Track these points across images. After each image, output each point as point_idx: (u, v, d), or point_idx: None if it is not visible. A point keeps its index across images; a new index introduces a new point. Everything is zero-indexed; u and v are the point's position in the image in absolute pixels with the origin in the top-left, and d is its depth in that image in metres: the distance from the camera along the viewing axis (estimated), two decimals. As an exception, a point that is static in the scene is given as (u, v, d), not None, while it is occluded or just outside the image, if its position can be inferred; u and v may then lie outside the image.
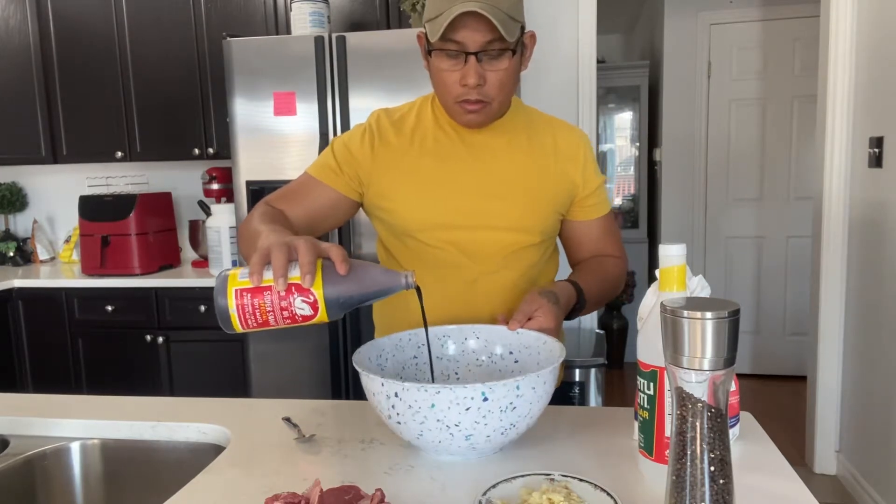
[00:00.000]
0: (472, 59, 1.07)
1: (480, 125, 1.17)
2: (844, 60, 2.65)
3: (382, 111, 1.25)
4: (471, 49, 1.06)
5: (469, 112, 1.12)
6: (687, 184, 4.18)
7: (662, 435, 0.82)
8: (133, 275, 2.84)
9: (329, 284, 0.83)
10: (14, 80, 3.04)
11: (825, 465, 2.84)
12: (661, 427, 0.82)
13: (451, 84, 1.10)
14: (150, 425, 1.11)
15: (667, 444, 0.81)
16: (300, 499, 0.73)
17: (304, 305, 0.83)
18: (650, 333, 0.82)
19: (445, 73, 1.10)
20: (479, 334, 1.11)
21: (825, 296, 2.78)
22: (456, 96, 1.11)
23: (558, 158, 1.21)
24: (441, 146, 1.19)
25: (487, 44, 1.06)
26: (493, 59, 1.08)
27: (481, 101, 1.11)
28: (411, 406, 0.85)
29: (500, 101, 1.14)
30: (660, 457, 0.83)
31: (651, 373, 0.82)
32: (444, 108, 1.17)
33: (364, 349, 1.02)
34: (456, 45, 1.06)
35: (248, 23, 2.81)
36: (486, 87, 1.10)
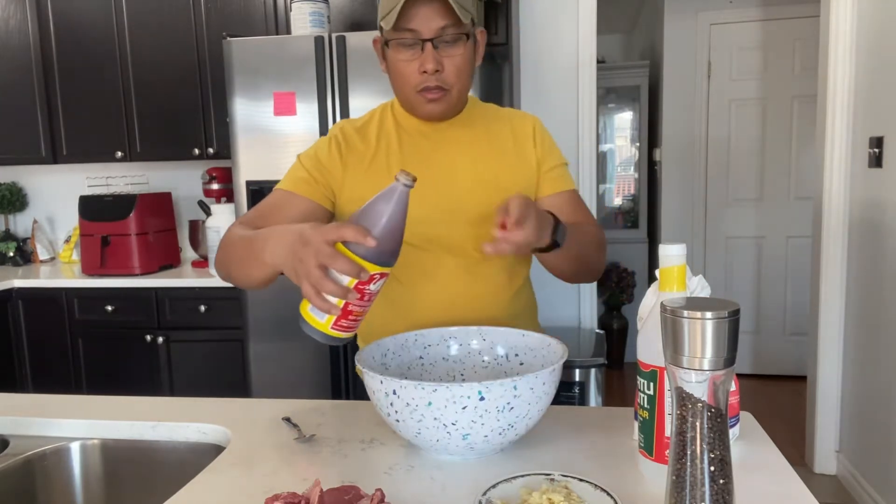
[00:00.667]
0: (428, 45, 1.09)
1: (441, 115, 1.18)
2: (844, 60, 2.65)
3: (344, 121, 1.28)
4: (426, 35, 1.09)
5: (430, 101, 1.14)
6: (687, 184, 4.18)
7: (662, 435, 0.82)
8: (133, 275, 2.84)
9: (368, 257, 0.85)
10: (14, 80, 3.04)
11: (825, 465, 2.84)
12: (661, 427, 0.82)
13: (410, 74, 1.12)
14: (150, 425, 1.11)
15: (667, 444, 0.81)
16: (300, 499, 0.73)
17: (378, 283, 0.88)
18: (650, 333, 0.82)
19: (403, 63, 1.12)
20: (485, 336, 1.11)
21: (825, 296, 2.78)
22: (415, 85, 1.13)
23: (517, 143, 1.24)
24: (406, 147, 1.21)
25: (442, 29, 1.09)
26: (449, 46, 1.11)
27: (441, 89, 1.13)
28: (409, 404, 0.85)
29: (458, 89, 1.15)
30: (660, 457, 0.83)
31: (651, 373, 0.82)
32: (404, 102, 1.19)
33: (369, 349, 1.02)
34: (411, 33, 1.09)
35: (248, 23, 2.81)
36: (445, 73, 1.12)
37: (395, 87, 1.18)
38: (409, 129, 1.23)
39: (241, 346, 2.60)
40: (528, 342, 1.07)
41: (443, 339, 1.11)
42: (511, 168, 1.22)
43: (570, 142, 3.00)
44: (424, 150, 1.21)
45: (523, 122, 1.27)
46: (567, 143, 3.01)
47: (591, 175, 3.01)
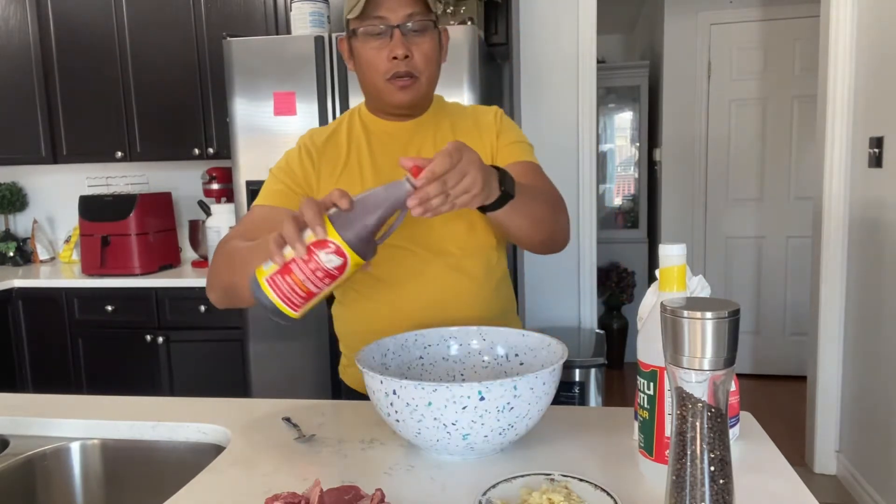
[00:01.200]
0: (396, 31, 1.10)
1: (410, 104, 1.18)
2: (844, 60, 2.65)
3: (312, 130, 1.27)
4: (394, 21, 1.10)
5: (400, 88, 1.14)
6: (687, 184, 4.18)
7: (662, 435, 0.82)
8: (133, 275, 2.84)
9: (340, 227, 0.83)
10: (14, 80, 3.04)
11: (825, 465, 2.84)
12: (661, 427, 0.82)
13: (379, 62, 1.13)
14: (150, 425, 1.11)
15: (667, 445, 0.81)
16: (300, 499, 0.73)
17: (331, 257, 0.83)
18: (650, 333, 0.82)
19: (372, 51, 1.13)
20: (485, 336, 1.11)
21: (825, 296, 2.78)
22: (385, 72, 1.13)
23: (482, 135, 1.24)
24: (376, 149, 1.22)
25: (409, 16, 1.11)
26: (417, 34, 1.12)
27: (411, 76, 1.13)
28: (409, 404, 0.85)
29: (427, 77, 1.16)
30: (660, 457, 0.83)
31: (651, 373, 0.82)
32: (373, 94, 1.18)
33: (369, 349, 1.02)
34: (379, 19, 1.10)
35: (248, 23, 2.81)
36: (414, 60, 1.13)
37: (364, 79, 1.18)
38: (377, 131, 1.23)
39: (241, 346, 2.60)
40: (528, 342, 1.07)
41: (443, 340, 1.11)
42: None
43: (570, 142, 3.00)
44: (394, 151, 1.21)
45: (486, 114, 1.27)
46: (567, 143, 3.01)
47: (591, 175, 3.01)
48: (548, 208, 1.12)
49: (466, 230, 1.20)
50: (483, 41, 2.48)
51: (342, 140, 1.24)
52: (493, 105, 1.33)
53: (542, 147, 3.01)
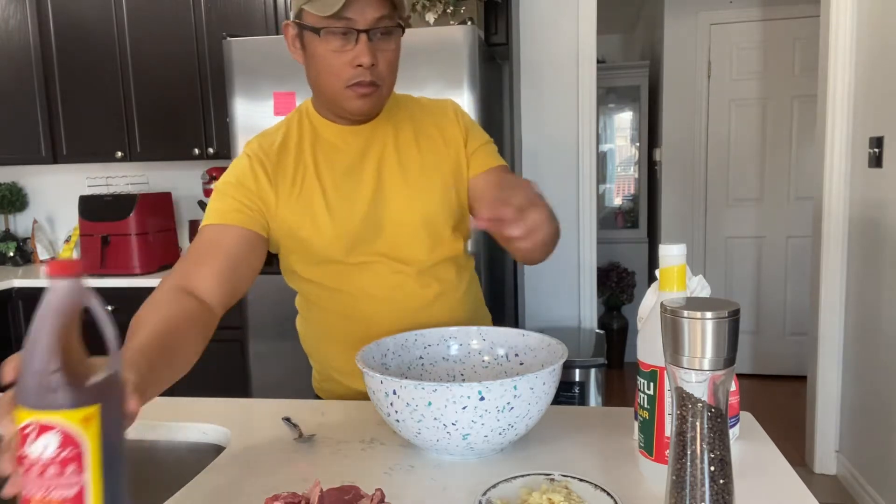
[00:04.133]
0: (363, 37, 1.02)
1: (370, 111, 1.11)
2: (844, 60, 2.65)
3: (259, 139, 1.16)
4: (361, 26, 1.02)
5: (360, 96, 1.06)
6: (687, 184, 4.18)
7: (662, 435, 0.82)
8: (133, 275, 2.84)
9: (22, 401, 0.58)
10: (14, 80, 3.04)
11: (825, 465, 2.84)
12: (661, 427, 0.82)
13: (341, 67, 1.04)
14: (151, 425, 1.11)
15: (667, 444, 0.81)
16: (300, 499, 0.73)
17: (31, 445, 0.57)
18: (650, 333, 0.82)
19: (333, 55, 1.03)
20: (485, 336, 1.11)
21: (825, 296, 2.78)
22: (347, 79, 1.05)
23: (443, 134, 1.19)
24: (333, 160, 1.14)
25: (378, 20, 1.02)
26: (383, 39, 1.05)
27: (373, 84, 1.06)
28: (409, 404, 0.85)
29: (388, 85, 1.10)
30: (660, 457, 0.83)
31: (651, 373, 0.82)
32: (329, 97, 1.09)
33: (368, 348, 1.02)
34: (346, 21, 1.01)
35: (248, 23, 2.81)
36: (378, 68, 1.05)
37: (319, 81, 1.08)
38: (331, 138, 1.15)
39: (241, 346, 2.59)
40: (528, 342, 1.07)
41: (443, 340, 1.11)
42: (439, 159, 1.17)
43: (570, 142, 3.00)
44: (351, 159, 1.14)
45: (443, 110, 1.21)
46: (567, 143, 3.01)
47: (591, 175, 3.01)
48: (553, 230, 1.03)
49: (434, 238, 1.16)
50: (483, 41, 2.48)
51: (293, 151, 1.14)
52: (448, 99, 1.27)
53: (541, 147, 3.02)
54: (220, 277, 1.03)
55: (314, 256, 1.15)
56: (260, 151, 1.13)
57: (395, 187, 1.15)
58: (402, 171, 1.15)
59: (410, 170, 1.16)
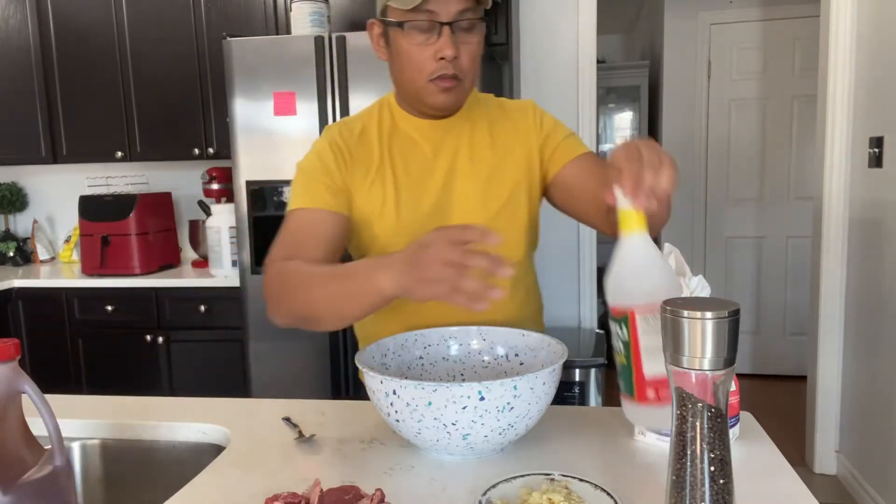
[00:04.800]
0: (446, 29, 1.02)
1: (452, 105, 1.12)
2: (844, 60, 2.65)
3: (340, 126, 1.18)
4: (444, 18, 1.02)
5: (443, 90, 1.07)
6: (687, 184, 4.18)
7: (641, 375, 0.80)
8: (133, 275, 2.84)
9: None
10: (14, 80, 3.04)
11: (825, 465, 2.84)
12: (638, 368, 0.80)
13: (424, 60, 1.05)
14: (151, 425, 1.11)
15: (647, 384, 0.80)
16: (300, 499, 0.73)
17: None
18: (619, 274, 0.81)
19: (416, 48, 1.04)
20: (485, 336, 1.11)
21: (825, 296, 2.77)
22: (430, 73, 1.05)
23: (520, 139, 1.18)
24: (409, 154, 1.15)
25: (460, 13, 1.03)
26: (465, 32, 1.05)
27: (455, 77, 1.06)
28: (409, 404, 0.85)
29: (469, 79, 1.10)
30: (641, 396, 0.82)
31: (623, 318, 0.80)
32: (411, 92, 1.10)
33: (369, 349, 1.02)
34: (428, 14, 1.02)
35: (248, 23, 2.81)
36: (461, 60, 1.05)
37: (403, 76, 1.10)
38: (409, 130, 1.16)
39: (241, 346, 2.60)
40: (528, 342, 1.07)
41: (443, 340, 1.11)
42: (514, 165, 1.17)
43: (570, 142, 2.99)
44: (425, 155, 1.15)
45: (523, 114, 1.20)
46: (567, 143, 3.00)
47: (591, 175, 3.01)
48: None
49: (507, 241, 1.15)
50: (483, 41, 2.48)
51: (373, 140, 1.16)
52: None
53: (542, 147, 3.01)
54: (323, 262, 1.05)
55: (379, 247, 1.15)
56: (339, 139, 1.15)
57: (464, 185, 1.15)
58: (474, 169, 1.15)
59: (482, 169, 1.15)
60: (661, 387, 0.79)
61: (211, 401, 1.21)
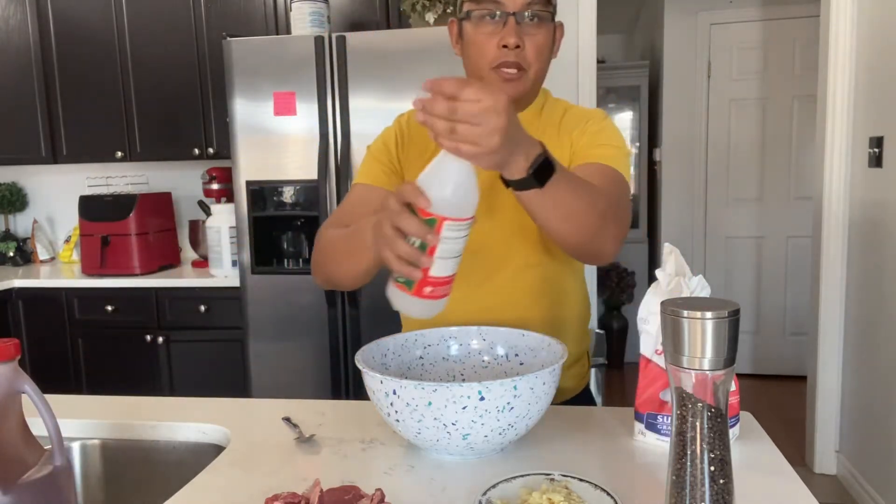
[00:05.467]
0: (511, 19, 1.06)
1: (516, 96, 1.11)
2: (844, 60, 2.65)
3: (410, 111, 1.24)
4: (511, 8, 1.06)
5: (505, 80, 1.09)
6: (687, 184, 4.18)
7: (426, 272, 0.81)
8: (133, 275, 2.84)
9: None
10: (14, 80, 3.04)
11: (825, 465, 2.84)
12: (427, 268, 0.81)
13: (489, 48, 1.08)
14: (150, 425, 1.11)
15: (429, 281, 0.82)
16: (300, 499, 0.73)
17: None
18: (441, 180, 0.79)
19: (482, 36, 1.08)
20: (485, 336, 1.11)
21: (825, 296, 2.77)
22: (492, 60, 1.08)
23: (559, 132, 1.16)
24: None
25: (528, 5, 1.06)
26: (532, 25, 1.07)
27: (519, 68, 1.08)
28: (409, 404, 0.85)
29: (535, 72, 1.11)
30: (418, 291, 0.83)
31: (430, 220, 0.79)
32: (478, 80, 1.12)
33: (368, 348, 1.02)
34: (496, 4, 1.06)
35: (248, 23, 2.81)
36: (525, 51, 1.07)
37: (469, 65, 1.14)
38: None
39: (241, 346, 2.60)
40: (528, 342, 1.07)
41: (443, 339, 1.11)
42: None
43: (570, 142, 2.99)
44: None
45: (580, 112, 1.19)
46: (567, 143, 3.01)
47: (591, 175, 3.01)
48: (586, 206, 0.92)
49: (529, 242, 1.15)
50: (483, 41, 2.48)
51: None
52: None
53: (542, 147, 3.01)
54: None
55: None
56: (405, 124, 1.23)
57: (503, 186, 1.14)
58: None
59: None
60: (438, 286, 0.83)
61: (211, 401, 1.21)
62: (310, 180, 2.43)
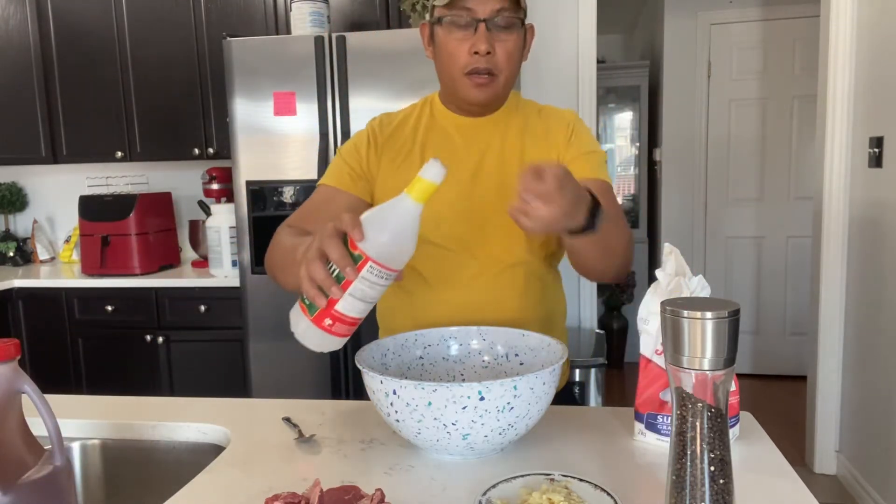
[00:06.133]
0: (482, 26, 1.07)
1: (486, 100, 1.15)
2: (844, 60, 2.65)
3: (383, 115, 1.26)
4: (481, 15, 1.07)
5: (477, 85, 1.11)
6: (687, 184, 4.18)
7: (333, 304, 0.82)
8: (133, 275, 2.84)
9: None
10: (14, 80, 3.04)
11: (825, 465, 2.84)
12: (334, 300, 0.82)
13: (460, 54, 1.10)
14: (150, 425, 1.11)
15: (331, 314, 0.83)
16: (300, 499, 0.73)
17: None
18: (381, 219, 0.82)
19: (454, 43, 1.10)
20: (485, 336, 1.11)
21: (825, 296, 2.77)
22: (464, 66, 1.10)
23: (549, 144, 1.20)
24: (443, 147, 1.19)
25: (497, 11, 1.07)
26: (503, 30, 1.09)
27: (490, 73, 1.10)
28: (409, 404, 0.85)
29: (506, 76, 1.13)
30: (318, 320, 0.84)
31: (357, 255, 0.81)
32: (449, 86, 1.16)
33: (368, 348, 1.02)
34: (466, 11, 1.07)
35: (248, 23, 2.81)
36: (496, 57, 1.09)
37: (442, 70, 1.15)
38: (445, 124, 1.20)
39: (241, 346, 2.60)
40: (528, 342, 1.07)
41: (443, 339, 1.11)
42: None
43: (570, 142, 2.99)
44: (456, 147, 1.19)
45: (560, 118, 1.22)
46: (567, 143, 3.01)
47: (591, 175, 3.01)
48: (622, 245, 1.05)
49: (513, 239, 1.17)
50: (483, 41, 2.48)
51: (408, 130, 1.22)
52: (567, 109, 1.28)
53: (542, 147, 3.01)
54: None
55: None
56: (378, 126, 1.23)
57: (486, 182, 1.17)
58: (499, 169, 1.18)
59: (507, 171, 1.17)
60: (339, 323, 0.83)
61: (211, 401, 1.21)
62: (310, 180, 2.43)
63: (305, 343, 0.88)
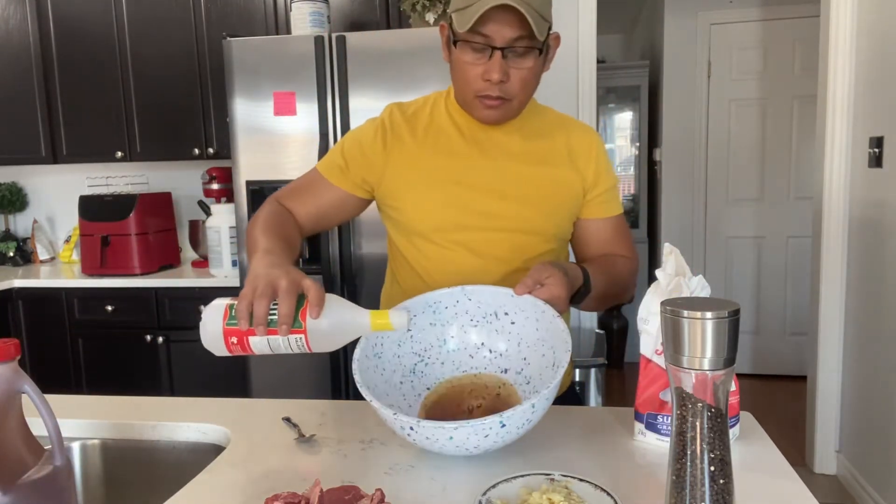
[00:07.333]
0: (497, 54, 1.05)
1: (497, 122, 1.15)
2: (844, 60, 2.65)
3: (396, 106, 1.24)
4: (497, 44, 1.05)
5: (488, 108, 1.11)
6: (687, 184, 4.18)
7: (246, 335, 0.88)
8: (133, 275, 2.84)
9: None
10: (14, 80, 3.04)
11: (825, 465, 2.84)
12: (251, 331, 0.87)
13: (473, 78, 1.09)
14: (150, 425, 1.11)
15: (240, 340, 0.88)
16: (300, 499, 0.73)
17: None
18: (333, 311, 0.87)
19: (469, 66, 1.08)
20: (471, 296, 1.07)
21: (825, 296, 2.77)
22: (476, 90, 1.09)
23: (572, 160, 1.20)
24: (454, 145, 1.18)
25: (515, 40, 1.04)
26: (519, 57, 1.07)
27: (502, 98, 1.09)
28: (429, 438, 0.85)
29: (520, 100, 1.12)
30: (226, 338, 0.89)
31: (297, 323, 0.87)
32: (462, 101, 1.15)
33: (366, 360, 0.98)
34: (483, 38, 1.05)
35: (248, 23, 2.81)
36: (509, 84, 1.08)
37: (456, 85, 1.15)
38: (462, 127, 1.19)
39: (241, 346, 2.59)
40: (517, 303, 1.03)
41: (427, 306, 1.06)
42: (560, 184, 1.18)
43: (570, 142, 2.99)
44: (472, 153, 1.18)
45: (583, 138, 1.23)
46: (567, 143, 3.01)
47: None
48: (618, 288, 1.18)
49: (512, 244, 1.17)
50: (483, 41, 2.48)
51: (421, 126, 1.21)
52: None
53: (542, 147, 3.01)
54: (308, 217, 1.21)
55: (403, 227, 1.20)
56: (388, 117, 1.22)
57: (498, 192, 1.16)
58: (514, 178, 1.17)
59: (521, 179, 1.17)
60: (240, 348, 0.90)
61: (211, 401, 1.21)
62: (310, 180, 2.43)
63: (202, 332, 0.91)
